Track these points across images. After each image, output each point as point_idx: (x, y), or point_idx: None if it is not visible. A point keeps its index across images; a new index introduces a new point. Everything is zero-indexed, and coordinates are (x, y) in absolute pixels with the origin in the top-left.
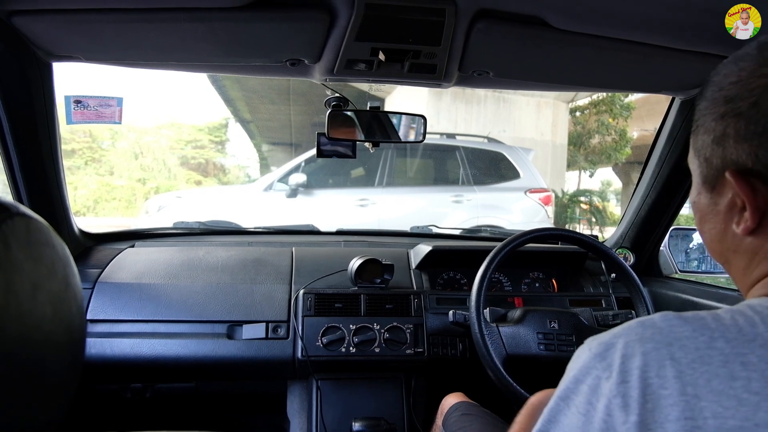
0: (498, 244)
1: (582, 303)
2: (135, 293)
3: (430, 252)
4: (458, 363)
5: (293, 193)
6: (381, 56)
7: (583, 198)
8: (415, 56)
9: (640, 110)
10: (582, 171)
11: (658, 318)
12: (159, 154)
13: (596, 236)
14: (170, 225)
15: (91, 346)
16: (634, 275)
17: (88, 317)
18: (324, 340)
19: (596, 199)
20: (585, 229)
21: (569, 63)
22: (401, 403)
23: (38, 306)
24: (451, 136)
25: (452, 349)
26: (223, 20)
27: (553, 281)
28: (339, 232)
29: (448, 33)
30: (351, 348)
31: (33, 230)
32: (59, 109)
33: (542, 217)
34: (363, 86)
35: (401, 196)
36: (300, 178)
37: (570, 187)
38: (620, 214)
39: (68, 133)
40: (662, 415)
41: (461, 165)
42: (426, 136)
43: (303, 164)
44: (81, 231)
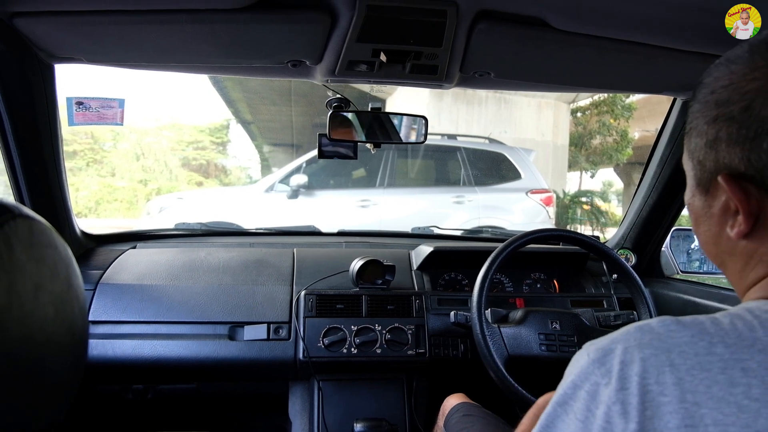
0: (499, 245)
1: (583, 304)
2: (137, 294)
3: (432, 253)
4: (460, 364)
5: (294, 194)
6: (382, 57)
7: (585, 199)
8: (417, 57)
9: (642, 111)
10: (583, 172)
11: (657, 323)
12: (160, 156)
13: (597, 237)
14: (172, 226)
15: (93, 348)
16: (636, 276)
17: (90, 318)
18: (325, 341)
19: (597, 200)
20: (586, 230)
21: (570, 64)
22: (403, 404)
23: (40, 307)
24: (453, 137)
25: (454, 350)
26: (225, 21)
27: (555, 282)
28: (340, 233)
29: (450, 34)
30: (352, 349)
31: (35, 232)
32: (61, 111)
33: (543, 218)
34: (364, 87)
35: (402, 197)
36: (301, 179)
37: (571, 188)
38: (621, 215)
39: (70, 135)
40: (662, 423)
41: (462, 166)
42: (427, 137)
43: (304, 165)
44: (83, 232)
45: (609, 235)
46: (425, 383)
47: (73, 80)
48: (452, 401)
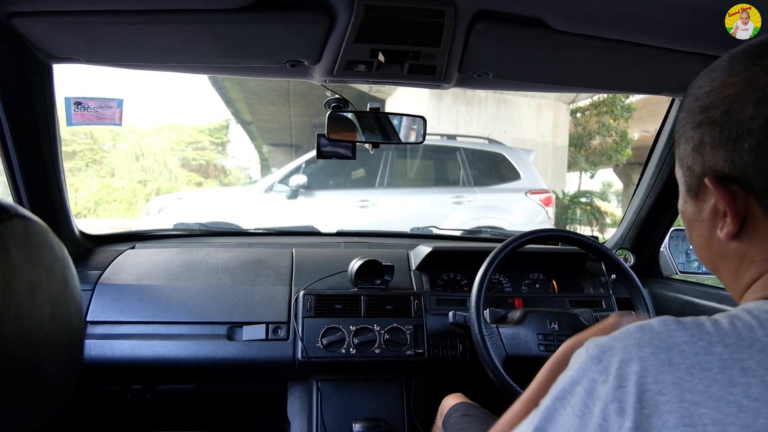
0: (498, 245)
1: (582, 304)
2: (135, 295)
3: (430, 253)
4: (458, 364)
5: (294, 195)
6: (381, 57)
7: (584, 199)
8: (415, 57)
9: (641, 111)
10: (583, 172)
11: (657, 323)
12: (160, 156)
13: (596, 237)
14: (171, 226)
15: (92, 348)
16: (635, 276)
17: (89, 319)
18: (324, 341)
19: (597, 201)
20: (586, 231)
21: (569, 64)
22: (401, 404)
23: (37, 307)
24: (452, 137)
25: (452, 350)
26: (223, 22)
27: (554, 282)
28: (339, 233)
29: (448, 34)
30: (351, 349)
31: (31, 232)
32: (59, 111)
33: (543, 218)
34: (363, 87)
35: (402, 197)
36: (300, 180)
37: (571, 189)
38: (620, 215)
39: (69, 135)
40: (660, 422)
41: (462, 166)
42: (426, 137)
43: (303, 165)
44: (81, 233)
45: (608, 236)
46: (424, 383)
47: (72, 80)
48: (450, 401)
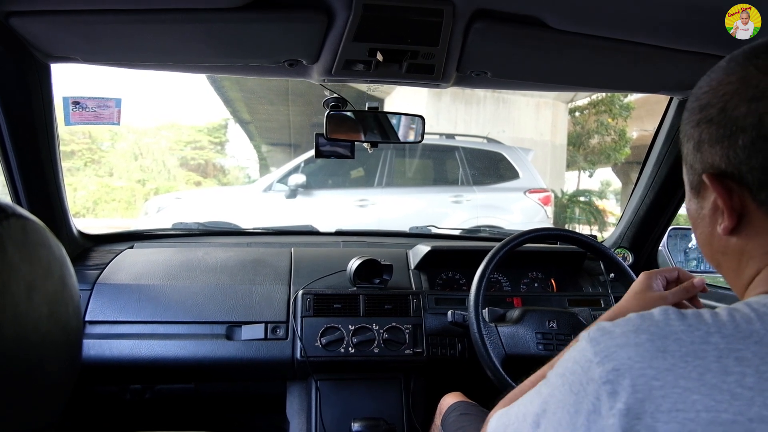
0: (497, 244)
1: (581, 303)
2: (134, 294)
3: (429, 252)
4: (457, 363)
5: (293, 194)
6: (379, 57)
7: (583, 198)
8: (413, 56)
9: (640, 110)
10: (581, 171)
11: (658, 312)
12: (158, 155)
13: (595, 236)
14: (169, 226)
15: (90, 348)
16: (633, 275)
17: (87, 319)
18: (323, 341)
19: (596, 199)
20: (584, 230)
21: (567, 63)
22: (400, 404)
23: (34, 307)
24: (451, 137)
25: (451, 349)
26: (221, 21)
27: (552, 281)
28: (338, 233)
29: (446, 33)
30: (350, 348)
31: (29, 231)
32: (57, 111)
33: (542, 218)
34: (361, 87)
35: (401, 197)
36: (299, 179)
37: (569, 188)
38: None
39: (67, 135)
40: (653, 406)
41: (460, 165)
42: (425, 137)
43: (302, 165)
44: (80, 232)
45: (607, 235)
46: (423, 382)
47: (70, 80)
48: (449, 400)
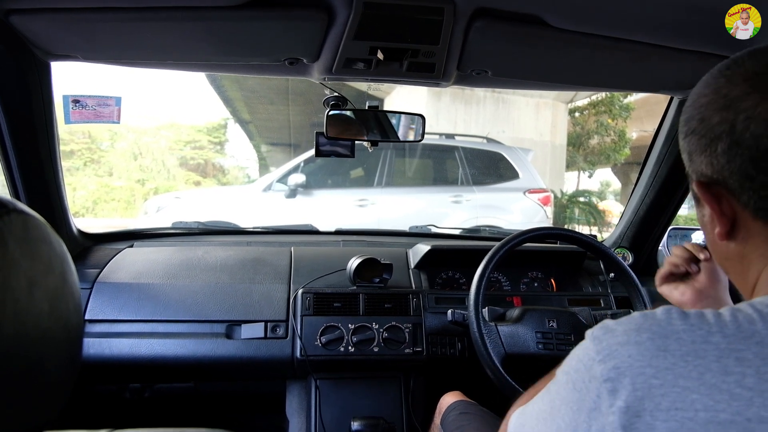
0: (497, 244)
1: (581, 302)
2: (133, 293)
3: (429, 251)
4: (457, 362)
5: (292, 194)
6: (379, 55)
7: (582, 198)
8: (414, 55)
9: (639, 111)
10: (581, 171)
11: (661, 311)
12: (158, 155)
13: (595, 236)
14: (169, 225)
15: (90, 347)
16: (633, 275)
17: (87, 317)
18: (323, 340)
19: (596, 199)
20: (584, 230)
21: (568, 62)
22: (400, 403)
23: (35, 303)
24: (450, 137)
25: (451, 349)
26: (221, 19)
27: (552, 281)
28: (338, 232)
29: (447, 32)
30: (350, 347)
31: (30, 227)
32: (57, 109)
33: (541, 218)
34: (361, 86)
35: (400, 197)
36: (299, 179)
37: (569, 188)
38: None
39: (67, 134)
40: (652, 404)
41: (460, 165)
42: (425, 136)
43: (302, 164)
44: (79, 231)
45: (606, 235)
46: (422, 381)
47: (71, 78)
48: (449, 399)
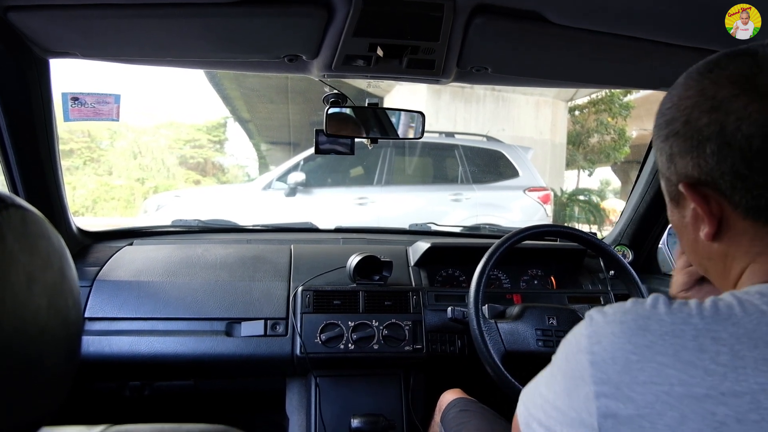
0: (496, 241)
1: (581, 300)
2: (133, 291)
3: (429, 249)
4: (457, 359)
5: (292, 192)
6: (379, 52)
7: (582, 197)
8: (414, 52)
9: (639, 110)
10: (581, 170)
11: (650, 298)
12: (158, 154)
13: (595, 233)
14: (169, 223)
15: (90, 344)
16: (633, 272)
17: (87, 315)
18: (323, 337)
19: (597, 198)
20: (584, 229)
21: (568, 58)
22: (400, 400)
23: (34, 298)
24: (450, 135)
25: (451, 346)
26: (220, 16)
27: (552, 278)
28: (337, 230)
29: (447, 28)
30: (350, 345)
31: (28, 222)
32: (56, 107)
33: (541, 216)
34: (361, 84)
35: (400, 195)
36: (299, 177)
37: (569, 186)
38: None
39: (67, 133)
40: (629, 377)
41: (460, 164)
42: (425, 134)
43: (302, 163)
44: (79, 229)
45: (606, 233)
46: (422, 379)
47: (70, 76)
48: (449, 396)
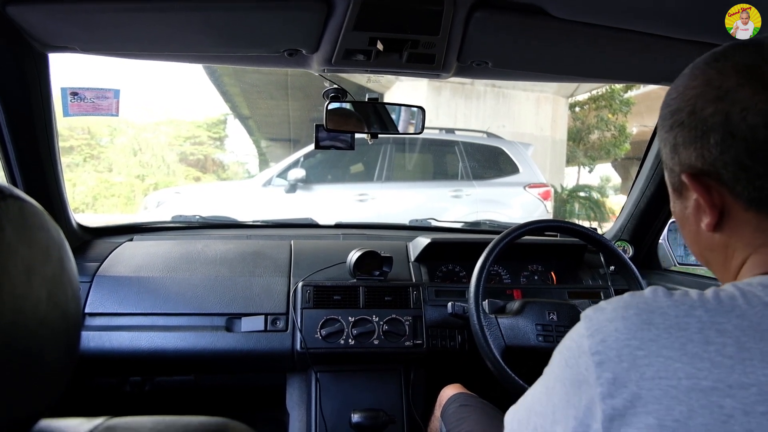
0: (497, 236)
1: (581, 295)
2: (133, 286)
3: (429, 244)
4: (457, 355)
5: (292, 189)
6: (379, 46)
7: (582, 193)
8: (414, 46)
9: (640, 106)
10: (581, 166)
11: (648, 290)
12: (158, 151)
13: (595, 229)
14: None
15: (90, 340)
16: (633, 268)
17: (87, 311)
18: (323, 333)
19: (597, 195)
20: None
21: (568, 53)
22: (400, 395)
23: (33, 290)
24: (450, 131)
25: (451, 341)
26: (220, 10)
27: (552, 274)
28: (338, 225)
29: (447, 22)
30: (350, 340)
31: (27, 214)
32: (55, 102)
33: (541, 212)
34: (361, 80)
35: (400, 191)
36: (299, 173)
37: (569, 183)
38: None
39: (66, 130)
40: (637, 374)
41: (460, 160)
42: (425, 130)
43: (302, 159)
44: (79, 225)
45: (606, 229)
46: (422, 374)
47: (69, 72)
48: (449, 392)
